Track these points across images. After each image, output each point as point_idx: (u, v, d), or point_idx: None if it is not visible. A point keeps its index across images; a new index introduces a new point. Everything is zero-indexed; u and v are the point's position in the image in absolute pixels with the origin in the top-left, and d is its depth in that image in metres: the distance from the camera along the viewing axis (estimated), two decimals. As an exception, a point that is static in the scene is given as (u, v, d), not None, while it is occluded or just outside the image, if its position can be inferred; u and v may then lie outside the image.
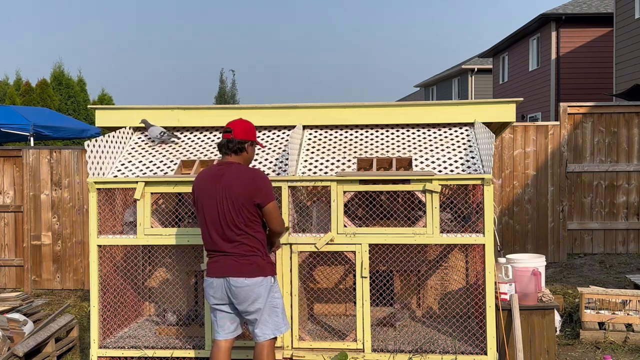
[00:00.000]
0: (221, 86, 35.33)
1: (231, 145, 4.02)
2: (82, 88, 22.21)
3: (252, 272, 3.90)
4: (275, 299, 4.00)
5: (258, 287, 3.90)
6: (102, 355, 4.80)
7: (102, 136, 5.01)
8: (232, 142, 4.02)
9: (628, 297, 5.58)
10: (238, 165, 4.01)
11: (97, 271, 4.78)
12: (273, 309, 3.99)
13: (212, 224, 3.94)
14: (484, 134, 4.79)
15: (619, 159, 8.74)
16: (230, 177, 3.93)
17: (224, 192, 3.91)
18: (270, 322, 3.98)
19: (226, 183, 3.92)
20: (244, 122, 4.13)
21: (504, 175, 8.56)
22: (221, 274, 3.93)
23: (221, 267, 3.93)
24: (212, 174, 4.01)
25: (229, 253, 3.92)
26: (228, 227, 3.90)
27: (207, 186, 3.97)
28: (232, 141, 4.02)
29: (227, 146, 4.03)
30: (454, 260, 5.43)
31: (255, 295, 3.91)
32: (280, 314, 4.03)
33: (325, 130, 5.43)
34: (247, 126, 4.10)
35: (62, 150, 8.10)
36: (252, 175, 3.95)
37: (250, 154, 4.12)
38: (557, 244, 8.55)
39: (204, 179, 4.03)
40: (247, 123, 4.13)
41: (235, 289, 3.89)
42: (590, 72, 20.52)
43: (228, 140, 4.03)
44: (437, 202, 4.54)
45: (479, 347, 4.59)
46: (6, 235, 8.20)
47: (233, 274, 3.89)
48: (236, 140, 4.02)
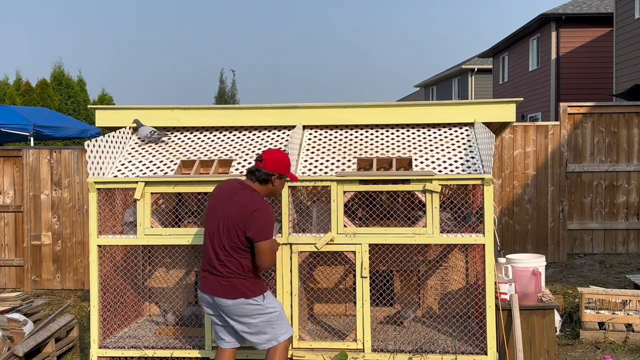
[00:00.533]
0: (221, 86, 35.34)
1: (258, 174, 3.95)
2: (82, 88, 22.22)
3: (234, 294, 3.86)
4: (268, 314, 3.93)
5: (241, 306, 3.87)
6: (102, 355, 4.80)
7: (102, 136, 5.01)
8: (260, 172, 3.95)
9: (628, 297, 5.58)
10: (252, 192, 3.92)
11: (97, 271, 4.78)
12: (267, 322, 3.93)
13: (210, 237, 3.95)
14: (484, 134, 4.79)
15: (619, 159, 8.74)
16: (237, 200, 3.88)
17: (226, 213, 3.87)
18: (267, 332, 3.95)
19: (231, 205, 3.87)
20: (280, 153, 4.03)
21: (504, 175, 8.56)
22: (208, 291, 3.94)
23: (209, 284, 3.93)
24: (229, 189, 3.96)
25: (216, 271, 3.90)
26: (219, 246, 3.89)
27: (219, 199, 3.95)
28: (260, 170, 3.95)
29: (254, 174, 3.97)
30: (454, 260, 5.43)
31: (240, 313, 3.89)
32: (276, 325, 3.96)
33: (325, 130, 5.43)
34: (280, 158, 4.00)
35: (62, 150, 8.10)
36: (255, 207, 3.84)
37: (277, 186, 4.02)
38: (557, 244, 8.55)
39: (219, 193, 3.99)
40: (282, 155, 4.03)
41: (221, 307, 3.92)
42: (590, 72, 20.52)
43: (257, 169, 3.97)
44: (437, 202, 4.54)
45: (479, 347, 4.59)
46: (6, 235, 8.20)
47: (217, 293, 3.89)
48: (264, 171, 3.95)
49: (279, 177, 4.00)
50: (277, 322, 3.97)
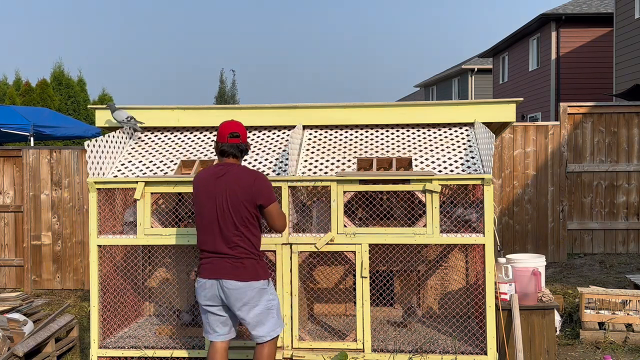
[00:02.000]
0: (221, 86, 35.31)
1: (242, 149, 4.07)
2: (82, 88, 22.22)
3: (245, 275, 3.90)
4: (270, 301, 4.00)
5: (250, 290, 3.90)
6: (102, 355, 4.80)
7: (102, 136, 5.01)
8: (242, 147, 4.06)
9: (628, 297, 5.58)
10: (239, 167, 4.03)
11: (97, 271, 4.78)
12: (268, 311, 3.98)
13: (210, 224, 3.94)
14: (484, 134, 4.79)
15: (619, 159, 8.74)
16: (232, 177, 3.95)
17: (225, 192, 3.91)
18: (265, 324, 3.98)
19: (228, 183, 3.93)
20: (240, 124, 4.15)
21: (504, 175, 8.56)
22: (214, 276, 3.93)
23: (215, 269, 3.93)
24: (214, 173, 4.00)
25: (224, 255, 3.92)
26: (226, 227, 3.90)
27: (207, 186, 3.98)
28: (241, 145, 4.06)
29: (237, 150, 4.05)
30: (454, 260, 5.43)
31: (247, 298, 3.91)
32: (275, 315, 4.03)
33: (325, 130, 5.43)
34: (243, 127, 4.13)
35: (62, 150, 8.10)
36: (254, 176, 3.97)
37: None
38: (557, 244, 8.55)
39: (204, 179, 4.03)
40: (242, 124, 4.15)
41: (228, 290, 3.90)
42: (590, 72, 20.52)
43: (238, 145, 4.04)
44: (437, 202, 4.54)
45: (479, 347, 4.59)
46: (6, 235, 8.20)
47: (226, 276, 3.90)
48: (244, 145, 4.08)
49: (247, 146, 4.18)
50: (276, 313, 4.04)
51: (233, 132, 4.04)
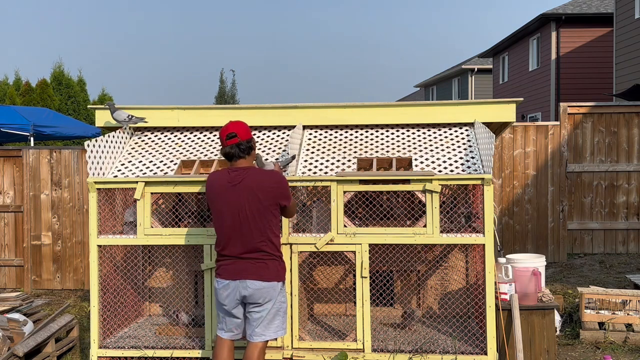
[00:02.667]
0: (221, 86, 35.32)
1: (242, 147, 4.01)
2: (82, 88, 22.22)
3: (269, 276, 3.95)
4: (282, 303, 4.07)
5: (272, 290, 3.97)
6: (102, 355, 4.79)
7: (102, 136, 5.01)
8: (243, 145, 4.01)
9: (628, 297, 5.58)
10: (254, 170, 4.02)
11: (97, 271, 4.78)
12: (277, 312, 4.04)
13: (232, 231, 3.95)
14: (484, 134, 4.79)
15: (619, 159, 8.74)
16: (252, 183, 3.94)
17: (248, 201, 3.91)
18: (273, 324, 4.03)
19: (249, 190, 3.92)
20: (239, 122, 4.13)
21: (504, 175, 8.56)
22: (237, 277, 3.94)
23: (238, 270, 3.95)
24: (230, 180, 3.97)
25: (248, 256, 3.95)
26: (250, 235, 3.92)
27: (226, 194, 3.96)
28: (242, 144, 4.01)
29: (239, 150, 4.01)
30: (454, 260, 5.43)
31: (268, 297, 3.97)
32: (282, 317, 4.09)
33: (325, 130, 5.43)
34: (243, 125, 4.11)
35: (62, 150, 8.10)
36: (274, 179, 4.01)
37: (255, 149, 4.16)
38: (557, 244, 8.55)
39: (222, 186, 3.99)
40: (241, 123, 4.13)
41: (252, 290, 3.93)
42: (590, 72, 20.52)
43: (238, 145, 4.01)
44: (437, 202, 4.54)
45: (479, 347, 4.59)
46: (6, 235, 8.20)
47: (250, 276, 3.93)
48: (245, 142, 4.02)
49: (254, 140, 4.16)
50: (283, 315, 4.10)
51: (229, 134, 4.02)
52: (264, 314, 3.98)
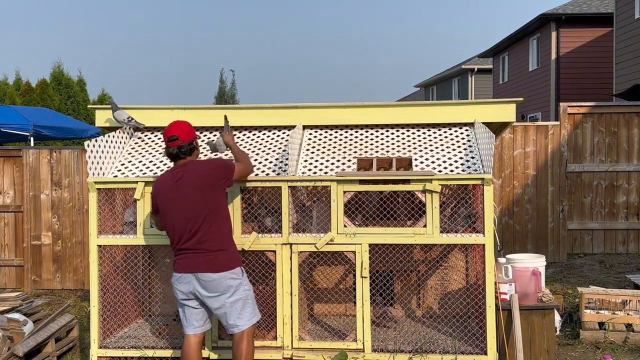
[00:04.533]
0: (221, 86, 35.33)
1: (184, 150, 4.22)
2: (81, 88, 22.23)
3: (218, 267, 4.06)
4: (245, 291, 4.17)
5: (225, 280, 4.07)
6: (102, 355, 4.80)
7: (102, 136, 5.01)
8: (184, 147, 4.23)
9: (628, 297, 5.58)
10: (193, 162, 4.23)
11: (97, 271, 4.78)
12: (244, 300, 4.15)
13: (179, 225, 4.10)
14: (484, 134, 4.79)
15: (619, 159, 8.74)
16: (191, 173, 4.14)
17: (189, 188, 4.09)
18: (242, 313, 4.15)
19: (188, 181, 4.11)
20: (182, 123, 4.31)
21: (504, 175, 8.56)
22: (189, 270, 4.08)
23: (190, 263, 4.10)
24: (171, 178, 4.18)
25: (197, 250, 4.08)
26: (196, 227, 4.06)
27: (168, 189, 4.15)
28: (183, 146, 4.23)
29: (180, 152, 4.22)
30: (454, 260, 5.43)
31: (223, 288, 4.08)
32: (251, 305, 4.20)
33: (325, 130, 5.43)
34: (186, 126, 4.28)
35: (62, 150, 8.10)
36: (211, 164, 4.22)
37: (198, 148, 4.37)
38: (557, 244, 8.55)
39: (163, 184, 4.20)
40: (184, 124, 4.31)
41: (204, 282, 4.07)
42: (590, 72, 20.52)
43: (179, 147, 4.21)
44: (437, 202, 4.54)
45: (479, 347, 4.59)
46: (6, 235, 8.20)
47: (201, 269, 4.07)
48: (186, 144, 4.23)
49: (195, 140, 4.34)
50: (251, 303, 4.21)
51: (171, 137, 4.23)
52: (226, 308, 4.11)
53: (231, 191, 4.65)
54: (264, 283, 5.03)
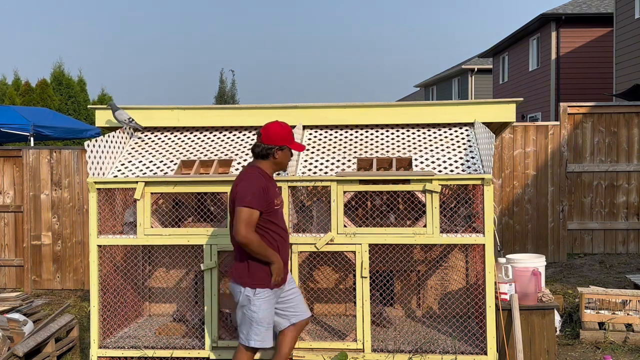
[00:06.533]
0: (221, 86, 35.31)
1: (257, 150, 3.99)
2: (82, 88, 22.24)
3: (234, 277, 4.01)
4: (251, 312, 3.94)
5: (236, 292, 4.00)
6: (102, 355, 4.80)
7: (102, 136, 5.01)
8: (259, 147, 3.98)
9: (628, 297, 5.58)
10: (246, 168, 4.02)
11: (97, 271, 4.78)
12: (243, 317, 3.98)
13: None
14: (484, 134, 4.79)
15: (619, 159, 8.74)
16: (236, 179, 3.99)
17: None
18: (242, 329, 4.02)
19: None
20: (275, 125, 4.02)
21: (504, 175, 8.56)
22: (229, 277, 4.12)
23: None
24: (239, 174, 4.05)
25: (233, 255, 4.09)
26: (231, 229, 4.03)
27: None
28: (259, 146, 3.98)
29: (254, 151, 4.02)
30: (454, 260, 5.43)
31: (235, 298, 4.01)
32: (247, 326, 3.96)
33: (325, 130, 5.43)
34: (276, 129, 3.99)
35: (62, 150, 8.10)
36: (241, 178, 3.94)
37: (280, 158, 4.00)
38: (557, 244, 8.55)
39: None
40: (276, 126, 4.00)
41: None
42: (590, 72, 20.52)
43: (256, 144, 4.01)
44: (437, 202, 4.54)
45: (479, 347, 4.59)
46: (6, 235, 8.20)
47: (230, 276, 4.09)
48: (262, 145, 3.97)
49: (279, 149, 3.98)
50: (249, 325, 3.96)
51: (258, 131, 4.05)
52: (237, 319, 4.06)
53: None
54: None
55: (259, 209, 3.84)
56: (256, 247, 3.83)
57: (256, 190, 3.84)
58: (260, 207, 3.84)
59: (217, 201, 5.12)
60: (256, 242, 3.83)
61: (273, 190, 3.98)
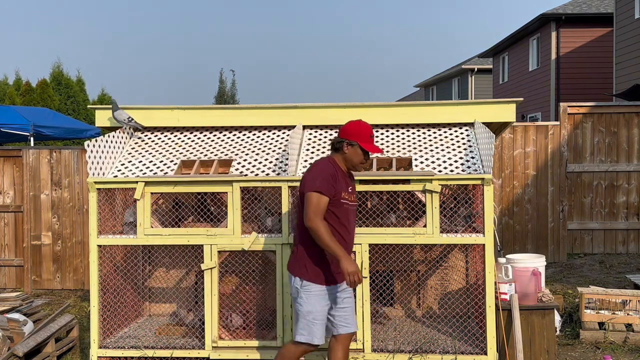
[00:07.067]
0: (221, 86, 35.31)
1: (333, 142, 3.99)
2: (81, 88, 22.26)
3: (288, 265, 4.03)
4: (298, 305, 3.93)
5: (291, 281, 3.98)
6: (102, 355, 4.80)
7: (102, 136, 5.01)
8: (334, 140, 3.98)
9: (628, 297, 5.58)
10: (318, 160, 3.97)
11: (97, 271, 4.78)
12: (296, 311, 3.99)
13: None
14: (484, 134, 4.79)
15: (619, 159, 8.74)
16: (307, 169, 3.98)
17: None
18: (296, 324, 3.98)
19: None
20: (352, 121, 3.98)
21: (504, 175, 8.56)
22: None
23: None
24: None
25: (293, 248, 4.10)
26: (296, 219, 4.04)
27: None
28: (335, 138, 3.98)
29: (332, 141, 4.01)
30: (454, 260, 5.43)
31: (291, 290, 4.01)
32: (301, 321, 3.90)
33: (325, 130, 5.43)
34: (350, 125, 3.95)
35: (62, 150, 8.10)
36: (311, 167, 3.93)
37: (350, 153, 3.90)
38: (557, 244, 8.55)
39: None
40: (353, 123, 3.96)
41: None
42: (590, 72, 20.51)
43: (334, 138, 4.00)
44: (437, 202, 4.54)
45: (479, 347, 4.59)
46: (6, 235, 8.20)
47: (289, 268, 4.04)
48: (337, 139, 3.96)
49: (349, 144, 3.89)
50: (302, 319, 3.90)
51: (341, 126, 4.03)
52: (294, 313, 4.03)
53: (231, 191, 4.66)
54: (264, 283, 5.03)
55: (327, 194, 3.77)
56: (322, 234, 3.72)
57: (325, 176, 3.80)
58: (329, 192, 3.78)
59: (217, 201, 5.12)
60: (323, 229, 3.73)
61: (343, 183, 3.89)
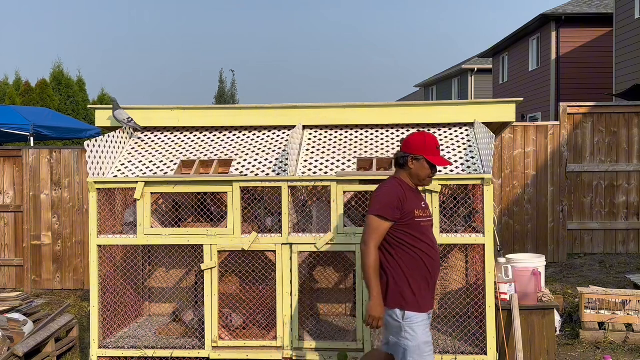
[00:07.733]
0: (221, 86, 35.33)
1: (397, 157, 3.76)
2: (81, 88, 22.24)
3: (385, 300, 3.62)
4: (403, 340, 3.55)
5: (386, 316, 3.62)
6: (102, 355, 4.80)
7: (102, 136, 5.01)
8: (398, 155, 3.74)
9: (628, 297, 5.58)
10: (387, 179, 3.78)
11: (97, 271, 4.78)
12: (398, 348, 3.58)
13: None
14: (484, 134, 4.80)
15: (619, 159, 8.74)
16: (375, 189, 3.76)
17: None
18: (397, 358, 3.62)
19: None
20: (415, 134, 3.76)
21: (504, 175, 8.56)
22: None
23: None
24: None
25: None
26: None
27: None
28: (398, 153, 3.75)
29: (395, 157, 3.79)
30: (454, 260, 5.43)
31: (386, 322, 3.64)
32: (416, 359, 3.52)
33: (325, 130, 5.43)
34: (413, 138, 3.72)
35: (62, 150, 8.10)
36: (378, 188, 3.71)
37: (416, 169, 3.67)
38: (557, 244, 8.55)
39: None
40: (416, 135, 3.74)
41: None
42: (590, 72, 20.51)
43: (397, 153, 3.77)
44: (437, 202, 4.54)
45: (479, 347, 4.59)
46: (6, 235, 8.20)
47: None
48: (399, 153, 3.74)
49: (414, 159, 3.67)
50: (412, 355, 3.53)
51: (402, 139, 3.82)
52: (389, 347, 3.66)
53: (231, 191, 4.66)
54: (264, 283, 5.03)
55: (390, 218, 3.56)
56: (369, 263, 3.53)
57: (389, 199, 3.58)
58: (392, 217, 3.56)
59: (217, 201, 5.12)
60: (373, 257, 3.54)
61: (414, 200, 3.66)
